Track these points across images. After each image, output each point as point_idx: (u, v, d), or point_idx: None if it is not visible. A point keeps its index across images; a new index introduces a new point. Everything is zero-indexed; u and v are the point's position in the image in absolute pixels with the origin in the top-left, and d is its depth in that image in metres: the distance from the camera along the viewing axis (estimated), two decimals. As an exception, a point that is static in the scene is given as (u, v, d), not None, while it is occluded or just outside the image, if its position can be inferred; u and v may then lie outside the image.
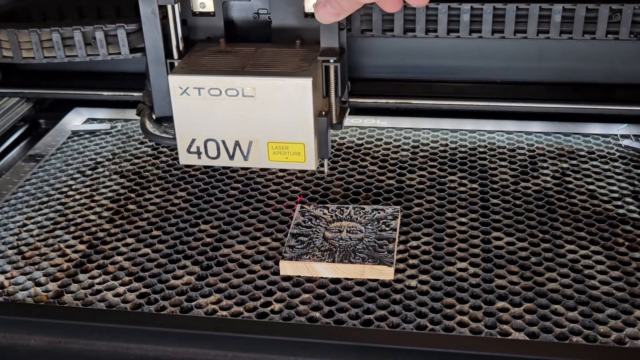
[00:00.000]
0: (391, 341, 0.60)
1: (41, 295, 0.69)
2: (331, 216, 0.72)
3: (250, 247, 0.75)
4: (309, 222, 0.71)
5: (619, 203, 0.80)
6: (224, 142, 0.76)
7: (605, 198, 0.81)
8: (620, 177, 0.85)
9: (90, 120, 1.03)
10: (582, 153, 0.90)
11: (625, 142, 0.91)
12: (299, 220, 0.72)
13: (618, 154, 0.90)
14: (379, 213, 0.71)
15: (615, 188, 0.83)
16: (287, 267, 0.68)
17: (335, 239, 0.68)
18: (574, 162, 0.89)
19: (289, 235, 0.68)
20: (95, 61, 0.87)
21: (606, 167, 0.87)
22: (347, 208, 0.73)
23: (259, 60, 0.77)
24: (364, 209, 0.72)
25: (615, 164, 0.88)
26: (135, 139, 0.98)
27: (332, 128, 0.77)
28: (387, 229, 0.71)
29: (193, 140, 0.76)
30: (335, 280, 0.69)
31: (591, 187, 0.83)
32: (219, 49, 0.80)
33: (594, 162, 0.88)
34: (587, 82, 0.91)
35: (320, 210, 0.73)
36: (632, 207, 0.79)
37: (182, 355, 0.60)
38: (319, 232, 0.70)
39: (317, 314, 0.65)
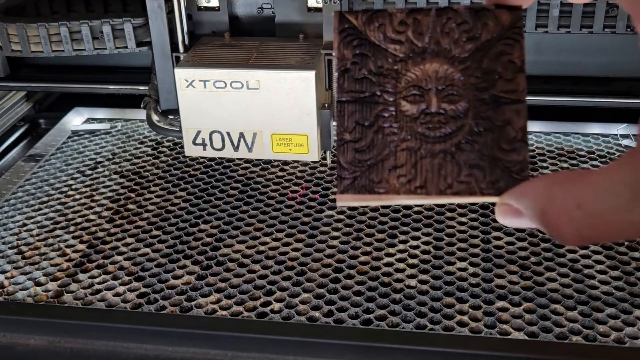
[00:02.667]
0: (391, 341, 0.60)
1: (41, 294, 0.69)
2: (403, 49, 0.39)
3: (250, 246, 0.75)
4: (365, 70, 0.39)
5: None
6: (228, 133, 0.76)
7: (605, 198, 0.81)
8: (620, 177, 0.85)
9: (90, 120, 1.03)
10: (582, 153, 0.90)
11: (625, 141, 0.91)
12: (346, 61, 0.39)
13: (618, 153, 0.90)
14: (486, 24, 0.38)
15: (615, 188, 0.83)
16: (349, 200, 0.40)
17: (419, 122, 0.38)
18: (574, 162, 0.89)
19: (335, 115, 0.39)
20: (102, 56, 0.89)
21: (606, 167, 0.87)
22: (425, 14, 0.39)
23: (263, 53, 0.78)
24: (457, 14, 0.39)
25: (615, 163, 0.87)
26: (135, 138, 0.98)
27: (334, 120, 0.78)
28: (506, 74, 0.39)
29: (198, 132, 0.77)
30: (335, 280, 0.69)
31: (591, 187, 0.83)
32: (224, 43, 0.81)
33: (594, 162, 0.88)
34: (585, 76, 0.91)
35: (377, 23, 0.39)
36: (632, 207, 0.79)
37: (182, 354, 0.61)
38: (387, 103, 0.38)
39: (316, 314, 0.65)
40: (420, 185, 0.38)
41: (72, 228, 0.79)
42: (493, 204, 0.36)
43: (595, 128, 0.95)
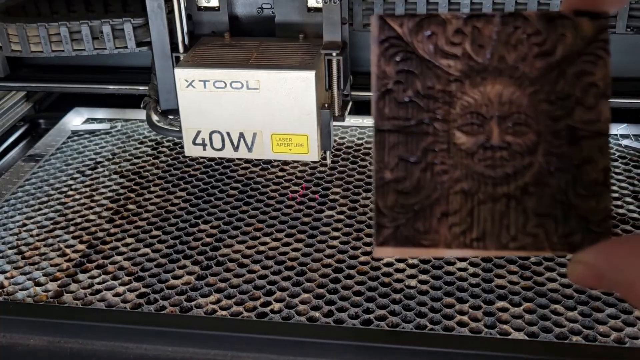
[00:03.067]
0: (391, 341, 0.60)
1: (41, 295, 0.69)
2: (458, 65, 0.31)
3: (250, 247, 0.75)
4: (412, 92, 0.32)
5: (619, 203, 0.80)
6: (228, 133, 0.76)
7: (605, 198, 0.81)
8: (620, 177, 0.85)
9: (90, 120, 1.03)
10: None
11: (625, 142, 0.91)
12: (388, 80, 0.32)
13: (618, 154, 0.89)
14: (563, 35, 0.31)
15: (615, 188, 0.83)
16: (389, 254, 0.34)
17: (477, 157, 0.31)
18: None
19: (374, 147, 0.32)
20: (101, 56, 0.89)
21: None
22: (487, 21, 0.31)
23: (263, 53, 0.77)
24: (527, 22, 0.31)
25: (615, 164, 0.87)
26: (135, 138, 0.98)
27: (334, 120, 0.78)
28: (586, 100, 0.32)
29: (198, 132, 0.77)
30: (335, 280, 0.69)
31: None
32: (224, 43, 0.81)
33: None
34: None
35: (427, 32, 0.31)
36: (632, 207, 0.79)
37: (182, 354, 0.60)
38: (438, 133, 0.32)
39: (316, 314, 0.65)
40: (477, 237, 0.30)
41: (72, 228, 0.79)
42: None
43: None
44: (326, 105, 0.75)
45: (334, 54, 0.75)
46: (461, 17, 0.31)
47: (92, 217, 0.81)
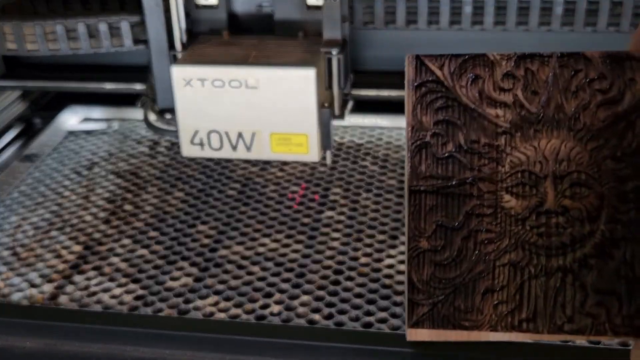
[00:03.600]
0: (391, 344, 0.59)
1: (37, 296, 0.69)
2: (508, 114, 0.27)
3: (248, 248, 0.74)
4: (453, 146, 0.27)
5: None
6: (227, 133, 0.76)
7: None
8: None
9: (86, 119, 1.02)
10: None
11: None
12: (425, 132, 0.28)
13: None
14: (632, 80, 0.26)
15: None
16: (425, 337, 0.29)
17: (528, 224, 0.27)
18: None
19: (407, 210, 0.27)
20: (98, 54, 0.88)
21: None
22: (543, 64, 0.26)
23: (262, 51, 0.77)
24: (590, 64, 0.26)
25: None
26: (132, 138, 0.97)
27: (334, 119, 0.77)
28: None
29: (196, 132, 0.76)
30: (335, 282, 0.69)
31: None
32: (222, 41, 0.81)
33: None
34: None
35: (472, 75, 0.26)
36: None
37: (180, 358, 0.60)
38: (483, 195, 0.27)
39: (316, 316, 0.65)
40: (527, 317, 0.26)
41: (68, 229, 0.78)
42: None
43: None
44: (326, 105, 0.75)
45: (334, 53, 0.75)
46: (512, 58, 0.27)
47: (88, 218, 0.80)
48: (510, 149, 0.26)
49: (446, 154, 0.26)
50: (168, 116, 0.83)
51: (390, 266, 0.70)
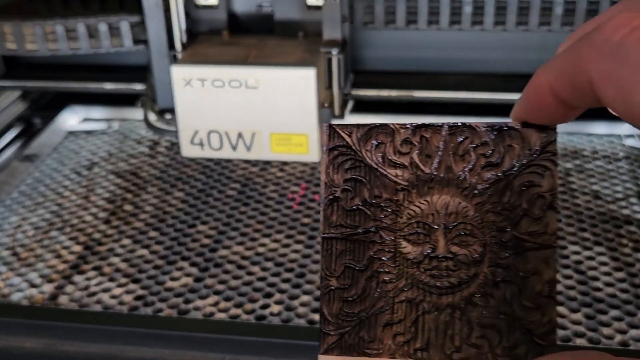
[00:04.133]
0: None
1: (37, 296, 0.68)
2: (406, 174, 0.32)
3: (248, 248, 0.74)
4: (359, 200, 0.32)
5: (623, 203, 0.79)
6: (227, 133, 0.76)
7: (609, 198, 0.80)
8: (624, 177, 0.84)
9: (86, 119, 1.02)
10: (586, 153, 0.89)
11: (628, 141, 0.91)
12: (336, 188, 0.32)
13: (622, 153, 0.89)
14: (511, 146, 0.31)
15: (619, 188, 0.82)
16: None
17: (422, 267, 0.31)
18: (578, 162, 0.88)
19: (321, 254, 0.32)
20: (98, 54, 0.88)
21: (610, 167, 0.86)
22: (435, 132, 0.32)
23: (262, 51, 0.77)
24: (475, 133, 0.31)
25: (620, 163, 0.87)
26: (132, 138, 0.97)
27: (334, 119, 0.77)
28: (533, 212, 0.31)
29: (196, 132, 0.76)
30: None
31: (595, 187, 0.82)
32: (222, 41, 0.81)
33: (598, 162, 0.87)
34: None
35: (376, 142, 0.32)
36: (636, 208, 0.78)
37: (180, 358, 0.60)
38: (385, 242, 0.32)
39: (316, 316, 0.64)
40: (421, 347, 0.31)
41: (68, 229, 0.78)
42: None
43: (599, 127, 0.94)
44: (326, 105, 0.75)
45: (334, 53, 0.75)
46: (409, 127, 0.32)
47: (88, 218, 0.80)
48: (407, 203, 0.31)
49: (354, 207, 0.31)
50: (168, 116, 0.83)
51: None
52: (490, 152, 0.31)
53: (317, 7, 0.82)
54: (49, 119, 1.01)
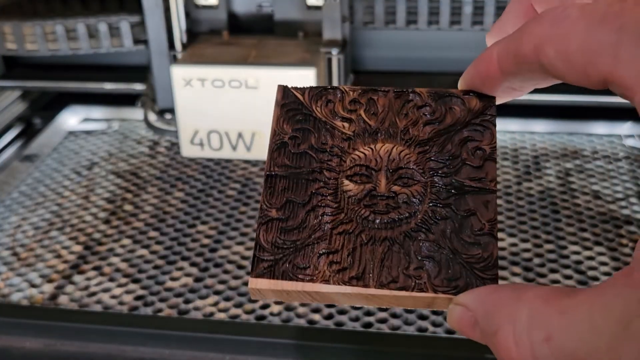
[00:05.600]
0: (392, 344, 0.59)
1: (37, 296, 0.68)
2: (352, 127, 0.33)
3: (248, 248, 0.74)
4: (306, 145, 0.33)
5: (623, 203, 0.79)
6: (227, 133, 0.76)
7: (609, 198, 0.80)
8: (624, 177, 0.84)
9: (86, 120, 1.02)
10: (586, 153, 0.89)
11: (628, 141, 0.90)
12: (284, 135, 0.33)
13: (622, 153, 0.89)
14: (452, 108, 0.32)
15: (619, 188, 0.82)
16: (265, 286, 0.31)
17: (363, 204, 0.31)
18: (578, 162, 0.88)
19: (262, 190, 0.32)
20: (98, 54, 0.88)
21: (610, 167, 0.86)
22: (382, 95, 0.33)
23: (262, 51, 0.77)
24: (418, 97, 0.33)
25: (619, 163, 0.87)
26: (132, 138, 0.97)
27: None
28: (473, 161, 0.32)
29: (196, 132, 0.76)
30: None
31: (595, 187, 0.82)
32: (222, 41, 0.81)
33: (598, 162, 0.87)
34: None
35: (326, 100, 0.33)
36: (636, 208, 0.78)
37: (180, 357, 0.59)
38: (327, 181, 0.32)
39: (316, 316, 0.64)
40: (357, 275, 0.30)
41: (68, 229, 0.78)
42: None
43: (600, 127, 0.94)
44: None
45: (334, 53, 0.75)
46: (358, 90, 0.33)
47: (88, 218, 0.80)
48: (352, 150, 0.32)
49: (300, 150, 0.32)
50: (168, 116, 0.83)
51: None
52: (432, 112, 0.32)
53: (317, 7, 0.82)
54: (49, 119, 1.01)
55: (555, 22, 0.26)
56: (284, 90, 0.33)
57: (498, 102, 0.33)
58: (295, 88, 0.34)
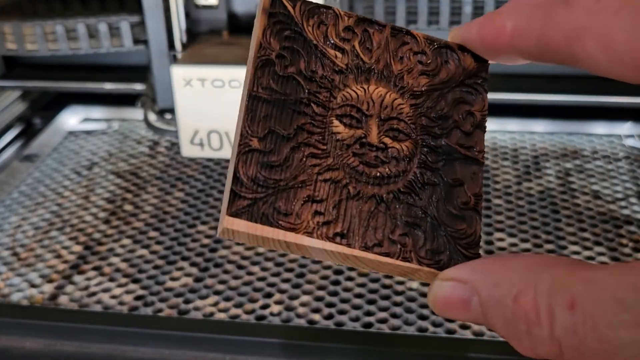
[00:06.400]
0: (392, 344, 0.59)
1: (37, 296, 0.68)
2: (345, 59, 0.30)
3: (248, 248, 0.74)
4: (294, 69, 0.30)
5: (623, 203, 0.79)
6: (227, 133, 0.76)
7: (609, 198, 0.80)
8: (624, 177, 0.84)
9: (86, 120, 1.02)
10: (586, 153, 0.89)
11: (628, 141, 0.90)
12: (271, 51, 0.30)
13: (622, 153, 0.89)
14: (447, 62, 0.31)
15: (619, 188, 0.82)
16: (241, 228, 0.28)
17: (352, 151, 0.29)
18: (578, 161, 0.88)
19: (243, 113, 0.29)
20: (98, 54, 0.88)
21: (610, 167, 0.86)
22: (378, 29, 0.31)
23: None
24: (415, 41, 0.31)
25: (619, 163, 0.87)
26: (132, 138, 0.97)
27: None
28: (464, 125, 0.31)
29: (196, 132, 0.76)
30: (335, 281, 0.68)
31: (595, 187, 0.82)
32: (222, 41, 0.81)
33: (598, 162, 0.87)
34: (589, 75, 0.90)
35: (318, 20, 0.30)
36: (636, 208, 0.78)
37: (180, 358, 0.59)
38: (315, 116, 0.30)
39: (316, 316, 0.64)
40: (341, 232, 0.28)
41: (68, 229, 0.78)
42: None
43: (600, 127, 0.94)
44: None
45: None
46: (353, 17, 0.31)
47: (88, 218, 0.80)
48: (343, 86, 0.29)
49: (288, 74, 0.29)
50: (168, 116, 0.83)
51: (391, 266, 0.70)
52: (429, 62, 0.31)
53: (317, 7, 0.82)
54: (49, 119, 1.01)
55: (592, 12, 0.24)
56: None
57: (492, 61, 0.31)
58: None
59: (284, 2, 0.30)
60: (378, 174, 0.29)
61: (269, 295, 0.67)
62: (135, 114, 0.99)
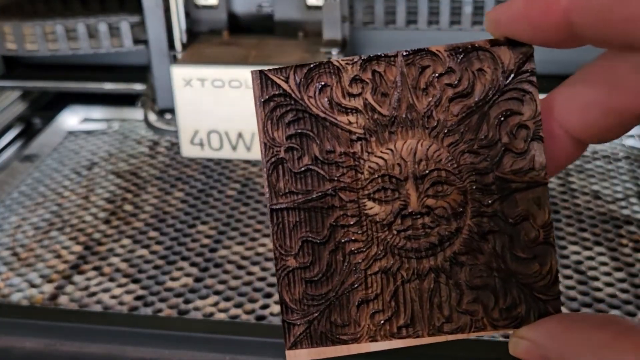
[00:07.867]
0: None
1: (37, 296, 0.68)
2: (360, 120, 0.27)
3: (248, 248, 0.74)
4: (309, 159, 0.27)
5: (623, 203, 0.79)
6: (227, 133, 0.76)
7: (609, 198, 0.80)
8: (624, 177, 0.84)
9: (86, 119, 1.02)
10: (586, 153, 0.89)
11: (629, 141, 0.90)
12: (278, 148, 0.28)
13: (622, 153, 0.89)
14: (481, 70, 0.27)
15: (619, 188, 0.82)
16: (305, 357, 0.27)
17: (395, 229, 0.26)
18: (578, 162, 0.88)
19: (272, 231, 0.27)
20: (98, 54, 0.88)
21: (610, 167, 0.86)
22: (388, 63, 0.27)
23: (262, 51, 0.77)
24: (436, 59, 0.27)
25: (619, 163, 0.87)
26: (132, 138, 0.97)
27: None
28: (515, 144, 0.27)
29: (196, 132, 0.76)
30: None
31: (595, 187, 0.82)
32: (222, 41, 0.81)
33: (598, 162, 0.87)
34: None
35: (319, 85, 0.27)
36: (636, 208, 0.78)
37: (180, 358, 0.59)
38: (346, 205, 0.27)
39: (316, 316, 0.64)
40: (405, 323, 0.26)
41: (68, 229, 0.78)
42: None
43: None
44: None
45: (334, 53, 0.75)
46: (357, 62, 0.26)
47: (88, 218, 0.80)
48: (367, 155, 0.26)
49: (303, 168, 0.26)
50: (168, 116, 0.83)
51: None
52: (458, 80, 0.26)
53: (317, 7, 0.82)
54: (49, 119, 1.01)
55: None
56: (261, 79, 0.27)
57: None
58: (277, 72, 0.26)
59: (275, 80, 0.27)
60: (429, 244, 0.26)
61: (268, 295, 0.67)
62: (135, 114, 0.99)
